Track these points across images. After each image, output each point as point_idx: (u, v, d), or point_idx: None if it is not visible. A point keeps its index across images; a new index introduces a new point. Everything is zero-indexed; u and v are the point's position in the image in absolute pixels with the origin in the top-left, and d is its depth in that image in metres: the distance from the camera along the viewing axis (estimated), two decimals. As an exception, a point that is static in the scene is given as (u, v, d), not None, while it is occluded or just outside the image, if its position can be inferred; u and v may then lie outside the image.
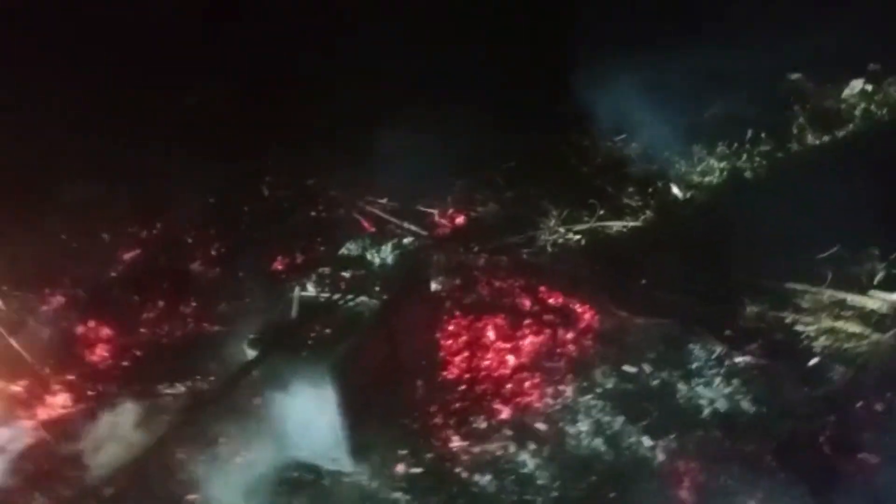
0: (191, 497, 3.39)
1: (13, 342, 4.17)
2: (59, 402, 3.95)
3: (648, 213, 5.04)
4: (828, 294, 4.18)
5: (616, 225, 4.99)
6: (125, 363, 4.18)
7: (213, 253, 4.95)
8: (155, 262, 4.91)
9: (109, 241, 5.13)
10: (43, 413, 3.90)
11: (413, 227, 5.06)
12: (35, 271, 4.76)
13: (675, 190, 5.19)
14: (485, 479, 3.41)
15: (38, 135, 5.52)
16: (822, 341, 3.93)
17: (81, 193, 5.36)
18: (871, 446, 3.33)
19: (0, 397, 3.94)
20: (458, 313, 4.28)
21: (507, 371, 3.95)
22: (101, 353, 4.26)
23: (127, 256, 5.00)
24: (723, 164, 5.35)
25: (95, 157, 5.48)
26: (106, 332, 4.37)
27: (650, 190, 5.21)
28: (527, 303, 4.36)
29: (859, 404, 3.56)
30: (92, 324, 4.40)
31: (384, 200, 5.34)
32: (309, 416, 3.34)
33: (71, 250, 5.01)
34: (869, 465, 3.26)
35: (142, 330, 4.35)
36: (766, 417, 3.57)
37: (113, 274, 4.87)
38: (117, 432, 3.66)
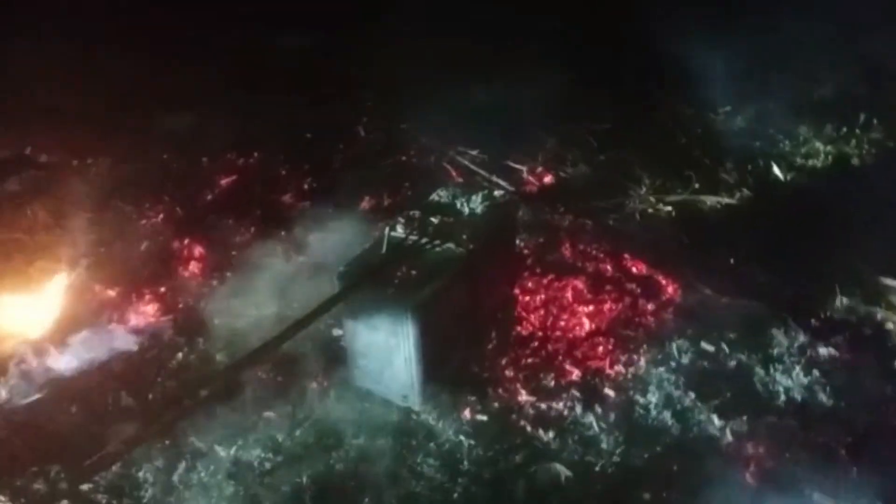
0: (267, 413, 3.56)
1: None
2: (149, 311, 4.17)
3: (745, 190, 4.90)
4: (924, 295, 4.02)
5: (710, 200, 4.87)
6: (214, 282, 4.36)
7: (306, 187, 5.09)
8: (250, 190, 5.08)
9: (207, 165, 5.34)
10: (134, 319, 4.12)
11: (501, 182, 5.07)
12: (138, 188, 5.01)
13: (776, 170, 5.02)
14: (548, 436, 3.46)
15: (149, 66, 5.79)
16: (912, 342, 3.80)
17: (184, 121, 5.60)
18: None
19: (96, 300, 4.19)
20: (539, 271, 4.30)
21: (582, 333, 3.95)
22: (193, 269, 4.45)
23: (223, 182, 5.19)
24: (829, 148, 5.14)
25: (201, 90, 5.71)
26: (199, 250, 4.55)
27: (749, 167, 5.05)
28: (609, 268, 4.33)
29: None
30: (186, 241, 4.59)
31: (475, 152, 5.36)
32: (386, 353, 3.44)
33: (171, 171, 5.25)
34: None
35: (233, 253, 4.52)
36: (842, 411, 3.49)
37: (209, 197, 5.07)
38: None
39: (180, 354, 3.88)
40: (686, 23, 5.31)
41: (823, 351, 3.79)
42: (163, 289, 4.28)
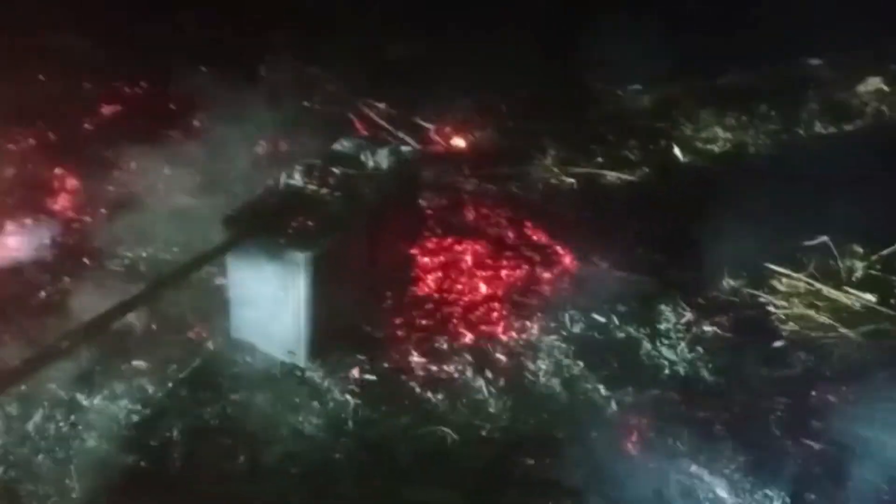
0: (137, 362, 3.32)
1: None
2: (11, 244, 3.80)
3: (646, 169, 4.97)
4: (805, 282, 4.19)
5: (611, 175, 4.91)
6: (88, 218, 4.02)
7: (197, 123, 4.77)
8: (135, 122, 4.71)
9: (89, 90, 4.91)
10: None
11: (407, 138, 4.92)
12: (7, 109, 4.55)
13: (677, 151, 5.11)
14: (437, 398, 3.39)
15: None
16: (791, 326, 3.94)
17: (64, 41, 5.13)
18: (818, 434, 3.38)
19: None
20: (439, 232, 4.20)
21: (478, 298, 3.90)
22: (63, 202, 4.10)
23: (107, 110, 4.79)
24: (728, 135, 5.28)
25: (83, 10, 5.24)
26: (73, 182, 4.19)
27: (652, 147, 5.12)
28: (509, 235, 4.29)
29: (814, 392, 3.60)
30: (60, 171, 4.21)
31: (382, 105, 5.18)
32: (273, 306, 3.26)
33: (51, 95, 4.80)
34: (812, 451, 3.31)
35: (110, 188, 4.18)
36: (722, 389, 3.59)
37: (88, 126, 4.67)
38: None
39: (43, 293, 3.56)
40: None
41: (708, 329, 3.88)
42: (28, 220, 3.91)
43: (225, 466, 3.00)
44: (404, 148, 3.87)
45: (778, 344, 3.85)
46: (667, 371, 3.66)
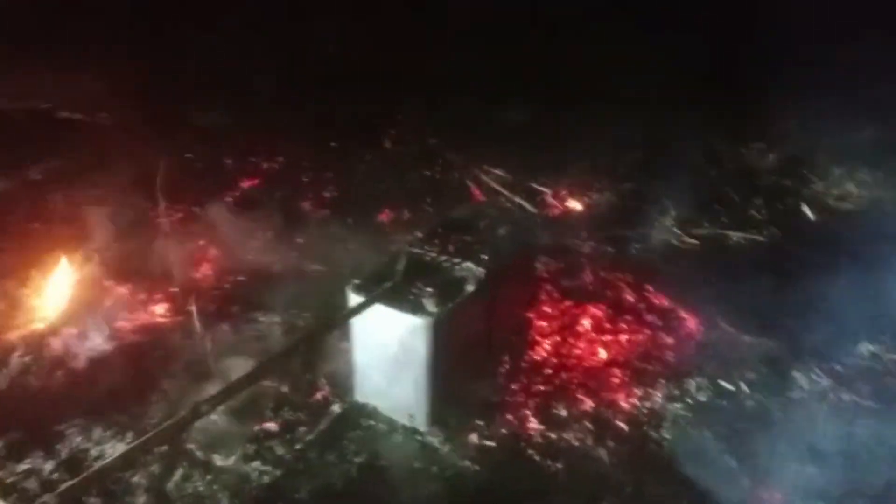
0: (268, 424, 3.48)
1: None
2: (157, 311, 4.11)
3: (773, 228, 4.79)
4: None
5: (736, 236, 4.76)
6: (226, 285, 4.30)
7: (326, 195, 5.04)
8: (270, 194, 5.04)
9: (230, 166, 5.30)
10: (140, 318, 4.06)
11: (524, 203, 4.99)
12: (158, 184, 4.98)
13: (806, 209, 4.91)
14: (556, 466, 3.34)
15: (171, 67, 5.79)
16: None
17: (210, 120, 5.59)
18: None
19: (105, 295, 4.14)
20: (556, 296, 4.20)
21: (598, 363, 3.85)
22: (205, 271, 4.40)
23: (245, 184, 5.15)
24: (862, 192, 5.02)
25: (225, 89, 5.70)
26: (214, 252, 4.51)
27: (779, 206, 4.94)
28: (629, 298, 4.23)
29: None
30: (202, 242, 4.54)
31: (499, 171, 5.29)
32: (395, 369, 3.35)
33: (194, 170, 5.22)
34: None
35: (248, 257, 4.46)
36: (863, 463, 3.35)
37: (229, 199, 5.03)
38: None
39: (185, 358, 3.81)
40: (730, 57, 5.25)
41: (846, 398, 3.66)
42: (175, 288, 4.22)
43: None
44: (521, 213, 3.92)
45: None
46: (802, 443, 3.45)
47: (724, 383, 3.73)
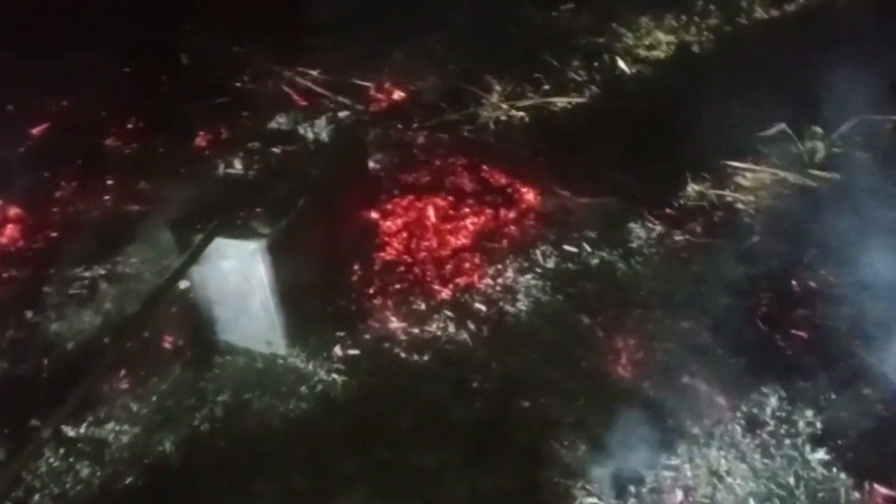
0: (119, 384, 3.24)
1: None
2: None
3: (594, 88, 4.87)
4: (769, 173, 4.16)
5: (561, 101, 4.81)
6: (38, 245, 3.89)
7: (130, 127, 4.59)
8: (66, 138, 4.53)
9: (14, 113, 4.71)
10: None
11: (347, 101, 4.78)
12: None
13: (622, 64, 5.02)
14: (423, 360, 3.35)
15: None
16: (762, 219, 3.93)
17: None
18: (805, 323, 3.39)
19: None
20: (396, 192, 4.11)
21: (448, 252, 3.84)
22: (10, 233, 3.96)
23: (35, 131, 4.60)
24: (670, 38, 5.17)
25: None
26: (15, 210, 4.04)
27: (596, 64, 5.01)
28: (468, 182, 4.21)
29: (794, 282, 3.60)
30: (-1, 203, 4.06)
31: (316, 72, 5.01)
32: (240, 300, 3.18)
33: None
34: (802, 341, 3.32)
35: (54, 209, 4.03)
36: (703, 295, 3.58)
37: (20, 150, 4.49)
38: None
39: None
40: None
41: (680, 238, 3.86)
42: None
43: (225, 469, 2.95)
44: (343, 113, 3.73)
45: (752, 240, 3.83)
46: (646, 288, 3.64)
47: (567, 247, 3.83)
